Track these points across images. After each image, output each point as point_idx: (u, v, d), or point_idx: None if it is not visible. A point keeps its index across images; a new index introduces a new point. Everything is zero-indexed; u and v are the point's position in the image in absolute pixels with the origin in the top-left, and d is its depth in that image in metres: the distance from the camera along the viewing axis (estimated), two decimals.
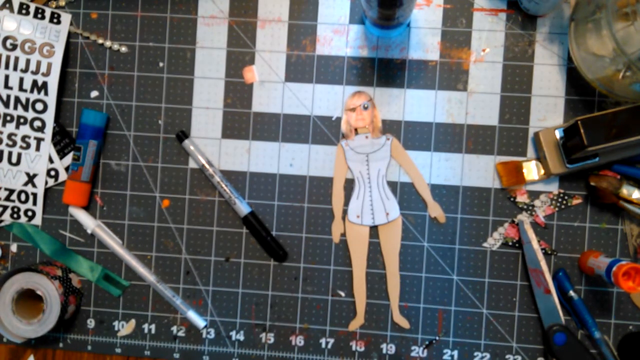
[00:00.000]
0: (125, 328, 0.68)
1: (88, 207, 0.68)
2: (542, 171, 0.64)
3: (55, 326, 0.64)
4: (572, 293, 0.62)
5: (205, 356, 0.68)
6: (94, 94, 0.68)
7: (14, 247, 0.69)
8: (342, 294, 0.66)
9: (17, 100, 0.66)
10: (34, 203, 0.67)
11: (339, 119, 0.66)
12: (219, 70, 0.67)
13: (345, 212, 0.66)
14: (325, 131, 0.66)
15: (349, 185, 0.66)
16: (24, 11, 0.65)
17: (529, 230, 0.62)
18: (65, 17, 0.66)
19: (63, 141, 0.67)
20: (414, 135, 0.66)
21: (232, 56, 0.67)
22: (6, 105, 0.66)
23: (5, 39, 0.65)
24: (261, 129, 0.67)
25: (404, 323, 0.66)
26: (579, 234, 0.64)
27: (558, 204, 0.64)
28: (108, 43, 0.67)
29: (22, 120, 0.66)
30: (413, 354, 0.66)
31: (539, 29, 0.64)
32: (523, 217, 0.64)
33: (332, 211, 0.66)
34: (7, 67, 0.65)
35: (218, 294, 0.67)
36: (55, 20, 0.66)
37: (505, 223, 0.65)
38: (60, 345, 0.68)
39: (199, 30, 0.67)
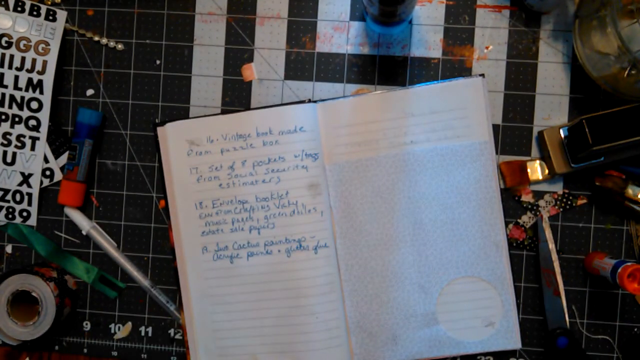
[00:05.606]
0: (121, 331, 0.67)
1: (84, 208, 0.67)
2: (547, 171, 0.63)
3: (50, 328, 0.63)
4: None
5: None
6: (90, 92, 0.67)
7: (8, 248, 0.68)
8: None
9: (12, 98, 0.65)
10: (29, 203, 0.66)
11: None
12: (217, 68, 0.66)
13: None
14: None
15: None
16: (19, 8, 0.64)
17: (546, 229, 0.62)
18: (61, 15, 0.65)
19: (58, 140, 0.67)
20: None
21: (230, 54, 0.66)
22: (1, 104, 0.65)
23: (0, 36, 0.64)
24: None
25: None
26: (584, 234, 0.63)
27: (563, 204, 0.63)
28: (104, 40, 0.66)
29: (17, 119, 0.65)
30: None
31: (543, 26, 0.63)
32: (544, 215, 0.63)
33: None
34: (2, 65, 0.64)
35: None
36: (50, 18, 0.65)
37: (509, 224, 0.64)
38: (56, 348, 0.67)
39: (197, 27, 0.66)
